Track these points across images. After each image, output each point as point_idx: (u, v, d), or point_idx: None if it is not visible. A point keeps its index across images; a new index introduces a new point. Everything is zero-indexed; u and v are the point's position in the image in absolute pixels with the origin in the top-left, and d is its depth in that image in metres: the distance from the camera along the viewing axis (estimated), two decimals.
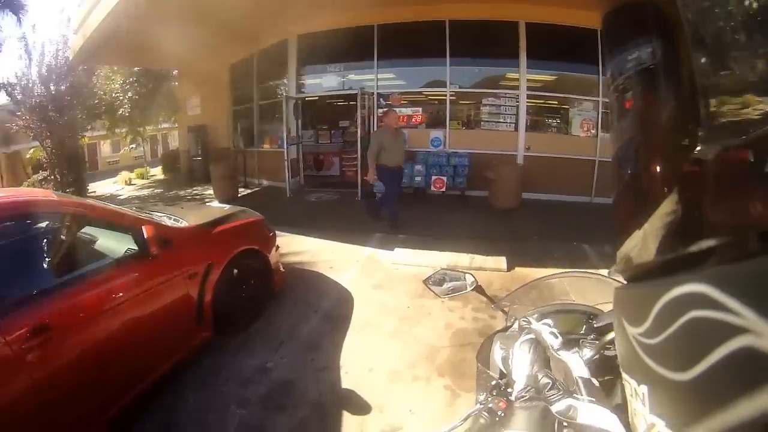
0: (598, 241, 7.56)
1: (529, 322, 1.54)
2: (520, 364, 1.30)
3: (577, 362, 1.37)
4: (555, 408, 1.11)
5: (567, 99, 10.92)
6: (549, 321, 1.54)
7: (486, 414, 1.35)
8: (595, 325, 1.74)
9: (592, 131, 10.79)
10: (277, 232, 5.69)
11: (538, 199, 10.58)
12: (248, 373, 3.93)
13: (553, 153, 10.73)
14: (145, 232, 3.47)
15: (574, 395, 1.16)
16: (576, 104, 10.88)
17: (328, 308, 5.18)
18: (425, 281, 2.22)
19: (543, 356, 1.30)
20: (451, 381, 3.86)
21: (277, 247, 5.39)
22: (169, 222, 4.31)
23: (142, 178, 19.84)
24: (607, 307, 1.92)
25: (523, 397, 1.23)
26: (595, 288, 2.34)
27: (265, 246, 5.02)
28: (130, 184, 18.49)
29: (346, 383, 3.84)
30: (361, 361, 4.14)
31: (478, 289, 2.10)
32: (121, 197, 14.47)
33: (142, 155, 22.75)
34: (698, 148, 0.44)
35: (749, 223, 0.38)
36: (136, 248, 3.52)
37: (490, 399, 1.42)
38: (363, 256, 6.88)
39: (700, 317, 0.38)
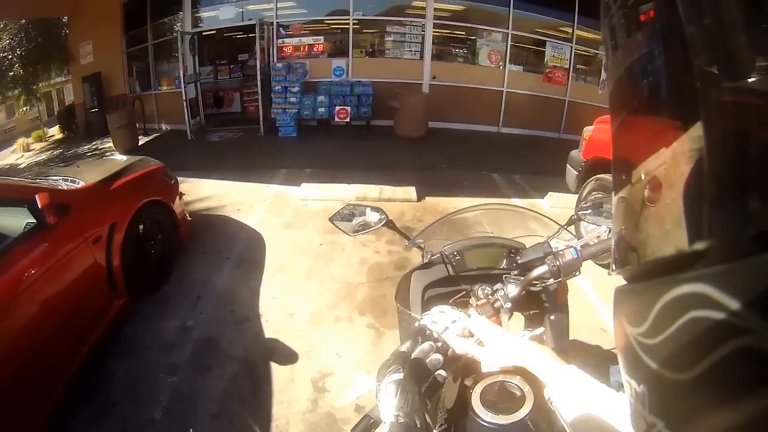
0: (507, 170, 7.87)
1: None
2: (386, 407, 1.23)
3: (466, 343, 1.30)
4: None
5: (475, 30, 10.91)
6: (433, 315, 1.42)
7: (412, 366, 1.25)
8: (519, 261, 1.73)
9: (500, 63, 10.90)
10: (180, 178, 5.35)
11: (445, 128, 10.68)
12: (170, 336, 3.74)
13: (460, 82, 10.79)
14: (39, 201, 3.10)
15: None
16: (484, 35, 10.90)
17: (240, 254, 4.98)
18: (331, 219, 2.05)
19: (412, 397, 1.17)
20: (374, 319, 3.89)
21: (182, 195, 5.09)
22: (64, 185, 3.89)
23: (41, 141, 17.97)
24: (528, 241, 1.89)
25: None
26: (509, 219, 2.34)
27: (168, 196, 4.67)
28: (29, 150, 16.63)
29: (269, 332, 3.76)
30: (280, 306, 4.06)
31: (389, 224, 2.00)
32: (21, 166, 13.04)
33: (38, 116, 20.47)
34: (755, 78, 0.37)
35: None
36: (35, 221, 3.16)
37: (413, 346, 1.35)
38: (270, 195, 6.64)
39: (700, 317, 0.37)
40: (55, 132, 19.07)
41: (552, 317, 1.72)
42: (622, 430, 0.86)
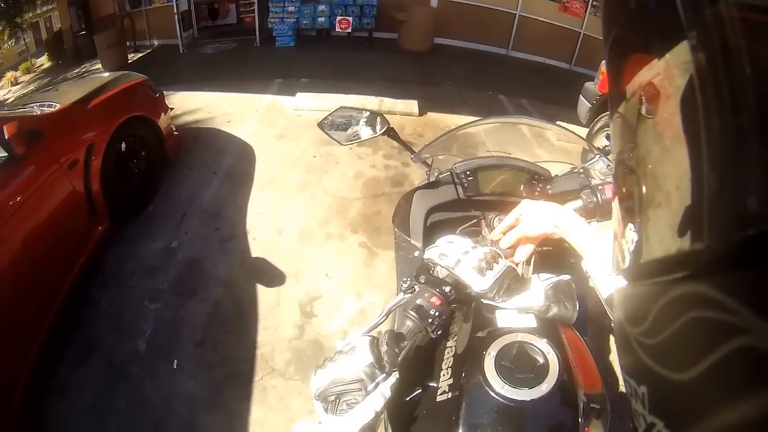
0: (515, 93, 7.60)
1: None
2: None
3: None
4: None
5: None
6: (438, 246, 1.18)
7: (414, 315, 1.05)
8: (550, 191, 1.51)
9: None
10: (169, 92, 5.12)
11: (452, 45, 10.25)
12: (153, 259, 3.57)
13: (471, 0, 10.23)
14: (6, 131, 2.88)
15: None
16: None
17: (229, 167, 4.72)
18: (320, 125, 1.80)
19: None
20: (366, 238, 3.72)
21: (170, 109, 4.79)
22: (38, 111, 3.60)
23: (29, 73, 17.50)
24: (552, 167, 1.66)
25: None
26: (512, 141, 2.07)
27: (152, 110, 4.36)
28: (17, 84, 16.22)
29: (255, 251, 3.60)
30: (269, 223, 3.88)
31: (391, 133, 1.70)
32: (9, 100, 12.73)
33: (26, 48, 19.71)
34: None
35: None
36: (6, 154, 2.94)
37: (417, 288, 1.11)
38: (263, 105, 6.31)
39: (700, 317, 0.38)
40: (43, 62, 18.67)
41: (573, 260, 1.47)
42: None
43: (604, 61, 4.91)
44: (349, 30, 9.77)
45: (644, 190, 0.50)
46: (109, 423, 2.54)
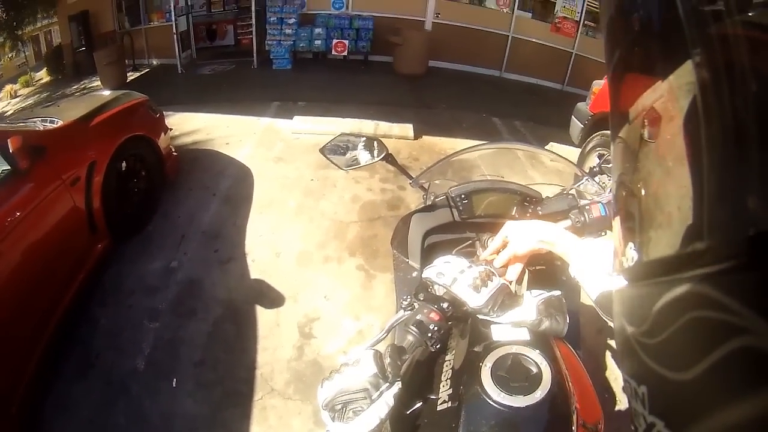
0: (508, 115, 7.69)
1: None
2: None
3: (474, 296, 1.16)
4: None
5: None
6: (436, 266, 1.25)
7: (415, 330, 1.11)
8: (540, 212, 1.57)
9: (507, 9, 10.44)
10: (168, 112, 5.13)
11: (445, 68, 10.37)
12: (153, 279, 3.59)
13: (465, 23, 10.39)
14: (10, 145, 2.88)
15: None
16: None
17: (227, 189, 4.76)
18: (321, 150, 1.86)
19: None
20: (364, 260, 3.76)
21: (169, 129, 4.84)
22: (41, 126, 3.63)
23: (28, 86, 17.39)
24: (542, 190, 1.74)
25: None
26: (507, 165, 2.15)
27: (152, 131, 4.39)
28: (16, 97, 16.12)
29: (254, 273, 3.63)
30: (267, 245, 3.92)
31: (390, 159, 1.78)
32: (8, 113, 12.67)
33: (25, 61, 19.62)
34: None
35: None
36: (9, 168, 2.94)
37: (416, 305, 1.18)
38: (260, 128, 6.36)
39: (700, 317, 0.38)
40: (42, 75, 18.52)
41: (564, 278, 1.57)
42: None
43: (595, 82, 5.04)
44: (345, 53, 9.88)
45: (644, 193, 0.51)
46: None
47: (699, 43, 0.39)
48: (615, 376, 2.82)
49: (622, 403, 2.66)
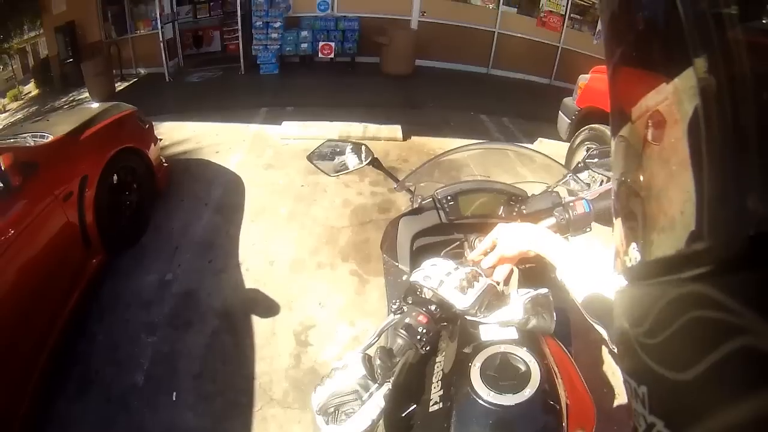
0: (496, 112, 7.72)
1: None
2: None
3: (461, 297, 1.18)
4: None
5: None
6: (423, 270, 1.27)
7: (404, 333, 1.14)
8: (525, 211, 1.59)
9: (492, 4, 10.48)
10: (157, 122, 5.11)
11: (433, 67, 10.39)
12: (148, 292, 3.59)
13: (451, 20, 10.40)
14: (1, 163, 2.86)
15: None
16: None
17: (219, 198, 4.77)
18: (309, 157, 1.87)
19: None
20: (357, 265, 3.78)
21: (159, 140, 4.83)
22: (32, 142, 3.62)
23: (16, 100, 17.18)
24: (528, 188, 1.76)
25: None
26: (497, 163, 2.18)
27: (142, 142, 4.37)
28: (4, 111, 15.90)
29: (249, 282, 3.63)
30: (261, 253, 3.93)
31: (376, 163, 1.80)
32: None
33: (13, 75, 19.34)
34: None
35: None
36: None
37: (405, 308, 1.21)
38: (250, 134, 6.36)
39: (700, 317, 0.38)
40: (31, 89, 18.27)
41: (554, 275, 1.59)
42: None
43: (581, 76, 5.06)
44: (332, 55, 9.87)
45: (647, 194, 0.51)
46: None
47: (703, 45, 0.39)
48: (612, 370, 2.85)
49: (622, 397, 2.70)
